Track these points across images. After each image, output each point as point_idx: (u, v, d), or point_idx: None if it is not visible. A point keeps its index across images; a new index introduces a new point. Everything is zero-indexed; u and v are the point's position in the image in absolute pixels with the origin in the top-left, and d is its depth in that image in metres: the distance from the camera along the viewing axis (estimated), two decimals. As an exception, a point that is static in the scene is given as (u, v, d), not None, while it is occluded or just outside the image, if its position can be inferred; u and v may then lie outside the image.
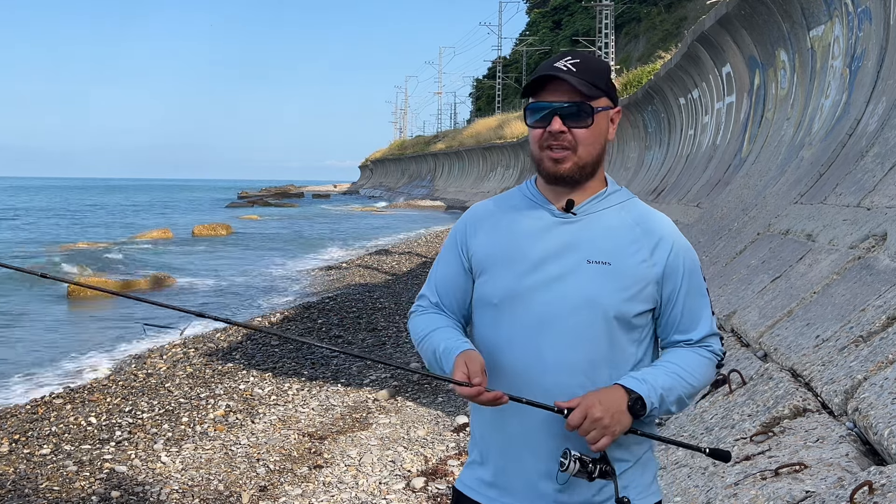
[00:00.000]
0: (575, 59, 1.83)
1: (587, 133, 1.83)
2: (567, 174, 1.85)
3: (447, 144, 74.71)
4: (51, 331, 12.41)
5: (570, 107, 1.81)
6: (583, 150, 1.83)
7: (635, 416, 1.77)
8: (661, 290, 1.87)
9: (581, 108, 1.81)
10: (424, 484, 5.34)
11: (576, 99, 1.80)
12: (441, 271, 2.02)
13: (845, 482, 2.61)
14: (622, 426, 1.75)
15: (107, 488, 5.46)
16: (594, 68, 1.84)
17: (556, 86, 1.82)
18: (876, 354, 3.31)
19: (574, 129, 1.82)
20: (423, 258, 20.93)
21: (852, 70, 7.55)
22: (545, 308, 1.82)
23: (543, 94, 1.83)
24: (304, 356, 9.46)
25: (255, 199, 78.60)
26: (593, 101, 1.82)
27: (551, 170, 1.85)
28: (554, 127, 1.81)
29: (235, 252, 26.05)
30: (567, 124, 1.81)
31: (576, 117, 1.81)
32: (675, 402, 1.84)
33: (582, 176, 1.86)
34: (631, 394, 1.77)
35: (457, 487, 2.00)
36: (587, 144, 1.84)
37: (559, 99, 1.81)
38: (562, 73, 1.80)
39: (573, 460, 1.73)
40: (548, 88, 1.82)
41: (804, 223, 6.24)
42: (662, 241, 1.88)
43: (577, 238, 1.86)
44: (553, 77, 1.81)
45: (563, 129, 1.81)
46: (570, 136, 1.82)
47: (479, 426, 1.96)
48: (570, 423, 1.73)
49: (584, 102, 1.81)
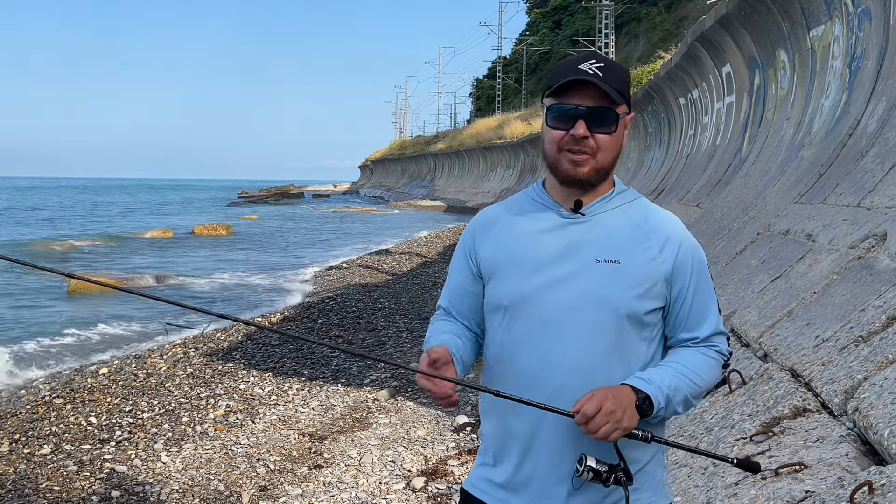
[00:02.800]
0: (600, 62, 1.81)
1: (609, 139, 1.82)
2: (585, 178, 1.84)
3: (447, 144, 74.70)
4: (51, 329, 12.40)
5: (597, 111, 1.80)
6: (602, 156, 1.83)
7: (642, 416, 1.76)
8: (670, 288, 1.87)
9: (608, 114, 1.80)
10: (424, 484, 5.34)
11: (603, 104, 1.79)
12: (452, 279, 2.04)
13: (845, 482, 2.61)
14: (631, 424, 1.74)
15: (107, 488, 5.46)
16: (618, 74, 1.83)
17: (582, 89, 1.80)
18: (876, 354, 3.31)
19: (598, 134, 1.81)
20: (423, 258, 20.93)
21: (852, 70, 7.55)
22: (555, 308, 1.83)
23: (568, 96, 1.81)
24: (304, 356, 9.47)
25: (255, 198, 78.63)
26: (618, 108, 1.81)
27: (570, 172, 1.84)
28: (578, 131, 1.80)
29: (235, 252, 26.05)
30: (591, 129, 1.80)
31: (601, 123, 1.80)
32: (682, 403, 1.84)
33: (598, 180, 1.86)
34: (638, 393, 1.76)
35: (465, 488, 2.00)
36: (607, 150, 1.83)
37: (585, 102, 1.80)
38: (589, 77, 1.78)
39: (587, 470, 1.73)
40: (574, 91, 1.80)
41: (804, 223, 6.24)
42: (671, 240, 1.88)
43: (585, 238, 1.86)
44: (582, 80, 1.79)
45: (587, 134, 1.80)
46: (592, 141, 1.81)
47: (491, 429, 1.96)
48: (584, 413, 1.71)
49: (610, 108, 1.80)
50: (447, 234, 28.48)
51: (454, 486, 5.27)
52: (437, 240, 26.32)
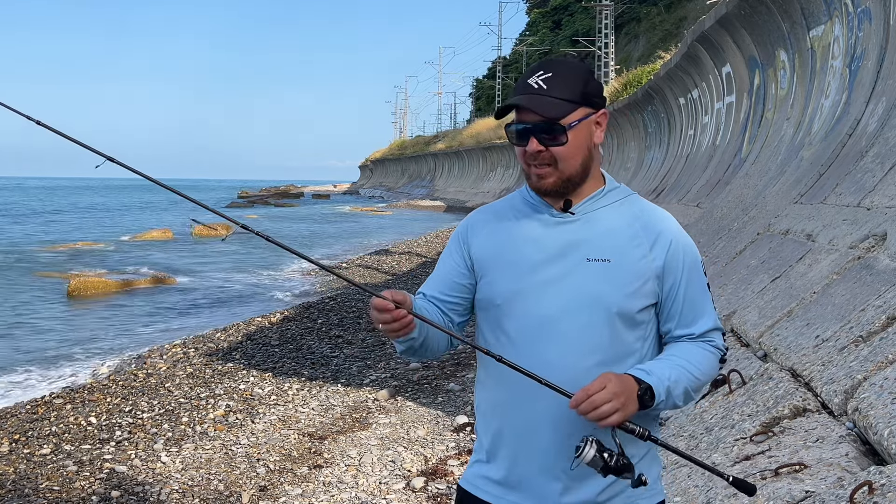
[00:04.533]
0: (547, 72, 1.83)
1: (564, 150, 1.83)
2: (551, 188, 1.87)
3: (447, 144, 74.70)
4: (51, 329, 12.41)
5: (543, 126, 1.82)
6: (563, 165, 1.85)
7: (643, 407, 1.76)
8: (662, 285, 1.88)
9: (553, 129, 1.82)
10: (424, 484, 5.34)
11: (548, 118, 1.81)
12: (440, 269, 2.03)
13: (845, 482, 2.61)
14: (631, 410, 1.74)
15: (107, 488, 5.46)
16: (569, 80, 1.83)
17: (528, 107, 1.82)
18: (876, 354, 3.31)
19: (552, 147, 1.83)
20: (423, 258, 20.93)
21: (852, 70, 7.55)
22: (547, 308, 1.84)
23: (520, 113, 1.84)
24: (304, 356, 9.47)
25: (255, 199, 78.62)
26: (566, 118, 1.82)
27: (536, 185, 1.89)
28: (531, 147, 1.83)
29: (235, 252, 26.04)
30: (544, 143, 1.83)
31: (551, 136, 1.82)
32: (682, 395, 1.84)
33: (568, 187, 1.88)
34: (641, 384, 1.77)
35: (461, 485, 2.01)
36: (567, 159, 1.84)
37: (532, 119, 1.82)
38: (531, 96, 1.81)
39: (590, 443, 1.69)
40: (522, 108, 1.83)
41: (804, 223, 6.24)
42: (661, 236, 1.88)
43: (576, 237, 1.87)
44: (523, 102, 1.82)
45: (541, 149, 1.83)
46: (548, 154, 1.83)
47: (485, 425, 1.97)
48: (585, 389, 1.71)
49: (555, 123, 1.81)
50: (447, 234, 28.48)
51: (454, 486, 5.27)
52: (437, 240, 26.32)
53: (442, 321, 1.94)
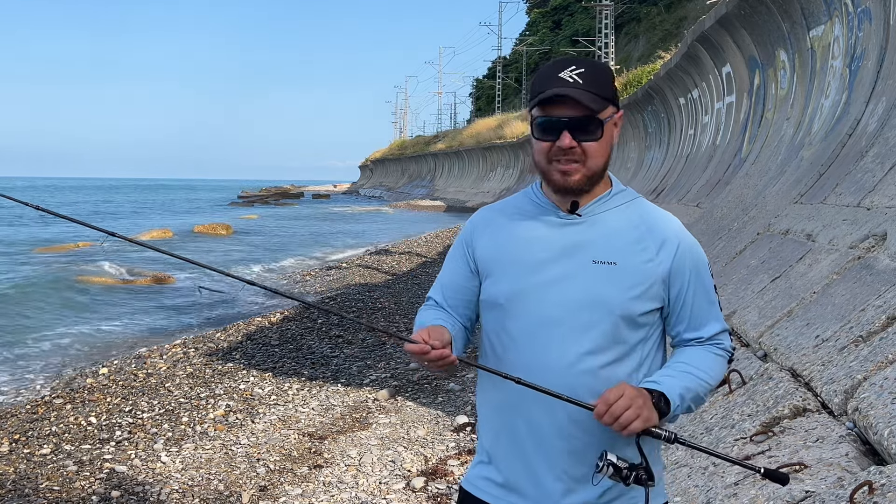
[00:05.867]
0: (580, 67, 1.81)
1: (596, 145, 1.83)
2: (577, 186, 1.85)
3: (447, 144, 74.67)
4: (51, 329, 12.40)
5: (580, 121, 1.80)
6: (592, 162, 1.84)
7: (661, 414, 1.77)
8: (669, 289, 1.88)
9: (591, 122, 1.80)
10: (424, 484, 5.34)
11: (585, 112, 1.79)
12: (447, 273, 2.04)
13: (845, 482, 2.61)
14: (651, 417, 1.74)
15: (107, 488, 5.46)
16: (600, 77, 1.83)
17: (564, 100, 1.80)
18: (876, 354, 3.31)
19: (584, 142, 1.81)
20: (423, 258, 20.93)
21: (852, 70, 7.54)
22: (551, 308, 1.83)
23: (551, 107, 1.81)
24: (304, 356, 9.47)
25: (255, 198, 78.62)
26: (601, 114, 1.81)
27: (560, 182, 1.85)
28: (564, 142, 1.80)
29: (235, 251, 26.04)
30: (577, 138, 1.80)
31: (585, 131, 1.80)
32: (694, 400, 1.85)
33: (591, 185, 1.87)
34: (653, 393, 1.77)
35: (463, 486, 2.00)
36: (596, 156, 1.84)
37: (568, 113, 1.80)
38: (569, 89, 1.78)
39: (607, 465, 1.71)
40: (556, 102, 1.80)
41: (804, 223, 6.24)
42: (668, 240, 1.88)
43: (582, 239, 1.86)
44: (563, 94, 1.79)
45: (574, 144, 1.81)
46: (579, 150, 1.82)
47: (485, 426, 1.97)
48: (605, 398, 1.71)
49: (593, 117, 1.80)
50: (447, 234, 28.47)
51: (454, 486, 5.27)
52: (437, 240, 26.31)
53: (453, 326, 1.94)
